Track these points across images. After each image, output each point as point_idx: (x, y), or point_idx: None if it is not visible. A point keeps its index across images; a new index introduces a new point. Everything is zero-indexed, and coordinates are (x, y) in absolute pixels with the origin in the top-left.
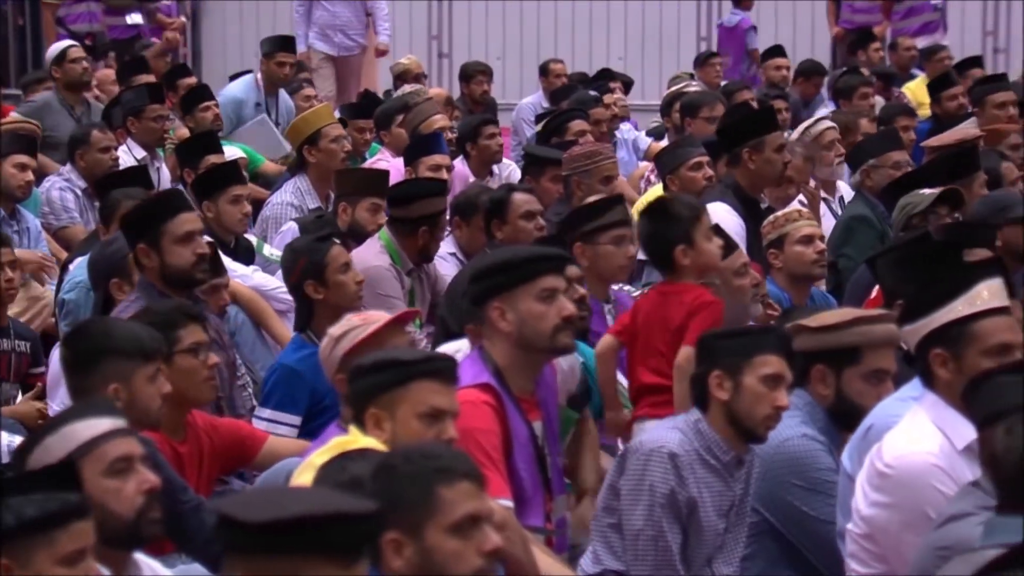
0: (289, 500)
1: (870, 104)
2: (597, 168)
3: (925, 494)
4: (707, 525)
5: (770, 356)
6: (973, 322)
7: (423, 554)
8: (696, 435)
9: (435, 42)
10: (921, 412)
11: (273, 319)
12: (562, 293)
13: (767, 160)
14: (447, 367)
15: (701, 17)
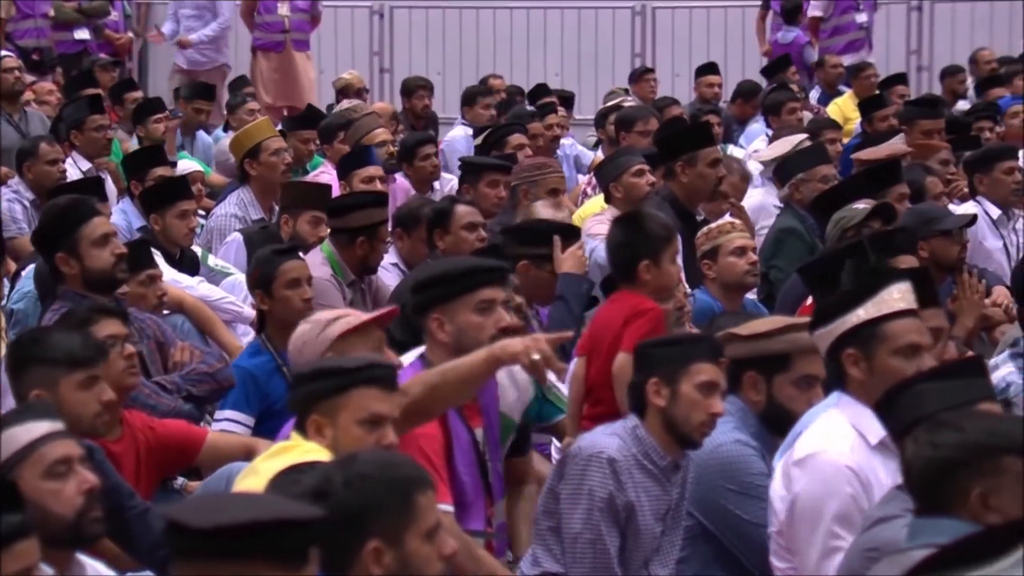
0: (236, 506)
1: (798, 119)
2: (544, 180)
3: (830, 489)
4: (644, 528)
5: (705, 364)
6: (883, 323)
7: (401, 561)
8: (634, 440)
9: (376, 58)
10: (835, 412)
11: (219, 327)
12: (500, 305)
13: (700, 174)
14: (387, 374)
15: (635, 33)
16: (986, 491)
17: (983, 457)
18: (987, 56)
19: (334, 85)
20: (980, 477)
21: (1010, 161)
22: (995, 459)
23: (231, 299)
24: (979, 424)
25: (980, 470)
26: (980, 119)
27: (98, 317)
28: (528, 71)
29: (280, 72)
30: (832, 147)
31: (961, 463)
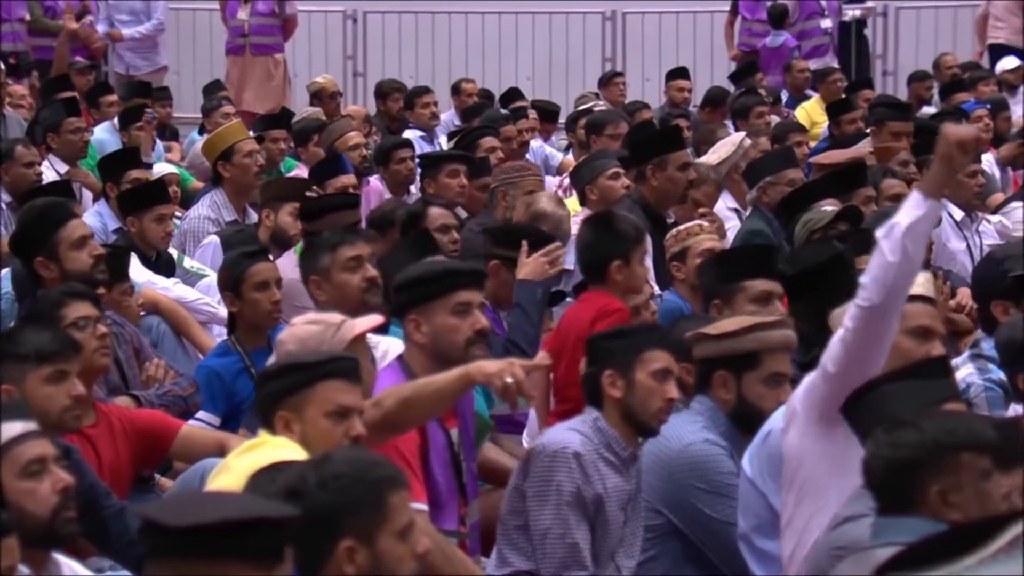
0: (210, 505)
1: (766, 123)
2: (524, 182)
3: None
4: (611, 520)
5: (657, 352)
6: None
7: (374, 559)
8: (596, 433)
9: (350, 62)
10: None
11: (194, 328)
12: (477, 308)
13: (669, 178)
14: (350, 366)
15: (606, 38)
16: (945, 488)
17: (941, 455)
18: (950, 61)
19: (308, 88)
20: (939, 475)
21: (973, 164)
22: (953, 456)
23: (206, 300)
24: (937, 423)
25: (939, 468)
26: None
27: (69, 300)
28: (500, 75)
29: (241, 76)
30: (799, 150)
31: (920, 462)
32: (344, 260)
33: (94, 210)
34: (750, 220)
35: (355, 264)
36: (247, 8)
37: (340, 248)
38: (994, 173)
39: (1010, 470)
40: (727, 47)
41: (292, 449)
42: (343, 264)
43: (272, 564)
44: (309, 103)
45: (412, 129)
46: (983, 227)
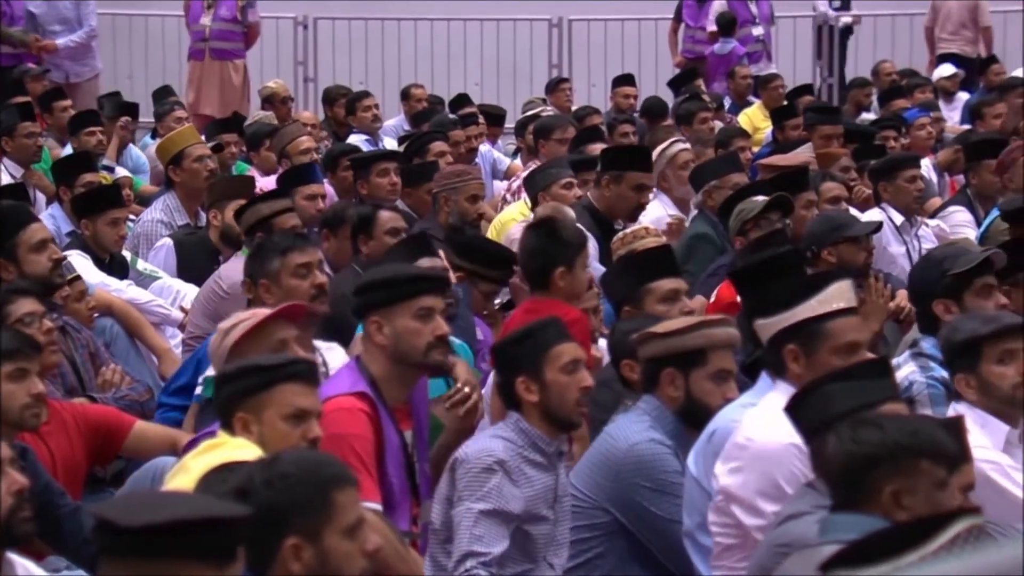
0: (164, 504)
1: (710, 128)
2: (465, 186)
3: (780, 467)
4: (540, 520)
5: (563, 345)
6: (826, 321)
7: (321, 557)
8: (519, 434)
9: (301, 67)
10: (776, 397)
11: (147, 330)
12: (439, 313)
13: (621, 194)
14: (308, 369)
15: (552, 45)
16: (900, 490)
17: (901, 457)
18: (889, 68)
19: (260, 93)
20: (896, 476)
21: (913, 169)
22: (913, 460)
23: (159, 302)
24: (901, 425)
25: (897, 469)
26: (884, 129)
27: (14, 297)
28: (448, 81)
29: (201, 80)
30: (742, 155)
31: (879, 459)
32: (294, 266)
33: (47, 213)
34: (695, 223)
35: (305, 271)
36: (210, 14)
37: (290, 253)
38: (932, 178)
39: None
40: (671, 54)
41: (251, 450)
42: (293, 270)
43: (225, 563)
44: (261, 107)
45: (356, 133)
46: (922, 231)
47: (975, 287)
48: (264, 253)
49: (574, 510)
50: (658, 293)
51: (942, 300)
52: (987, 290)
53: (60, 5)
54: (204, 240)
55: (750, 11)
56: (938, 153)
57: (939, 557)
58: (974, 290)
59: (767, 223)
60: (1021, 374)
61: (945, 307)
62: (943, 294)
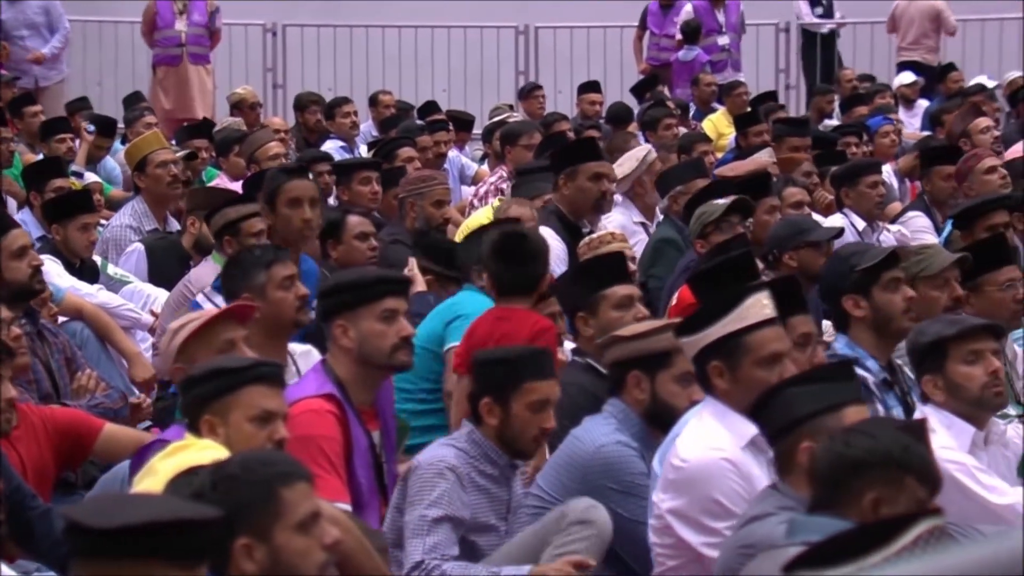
0: (135, 507)
1: (674, 135)
2: (431, 192)
3: (716, 484)
4: (489, 529)
5: (537, 383)
6: (746, 335)
7: (273, 554)
8: (472, 445)
9: (270, 74)
10: (706, 415)
11: (118, 333)
12: (403, 315)
13: (580, 188)
14: (273, 371)
15: (519, 52)
16: (881, 498)
17: (890, 467)
18: (849, 75)
19: (228, 99)
20: (880, 484)
21: (874, 176)
22: (900, 474)
23: (130, 306)
24: (895, 438)
25: (883, 478)
26: (846, 135)
27: None
28: (416, 87)
29: (177, 85)
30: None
31: (867, 465)
32: (280, 279)
33: (18, 218)
34: (661, 228)
35: (289, 283)
36: (183, 19)
37: (275, 266)
38: (893, 184)
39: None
40: (636, 61)
41: (217, 451)
42: (279, 282)
43: (194, 564)
44: (230, 113)
45: (332, 139)
46: (883, 236)
47: (882, 281)
48: (247, 266)
49: (541, 511)
50: (612, 299)
51: (851, 296)
52: (894, 283)
53: (28, 8)
54: (175, 245)
55: (717, 20)
56: (899, 159)
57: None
58: (881, 284)
59: (728, 226)
60: (988, 374)
61: (854, 302)
62: (852, 290)
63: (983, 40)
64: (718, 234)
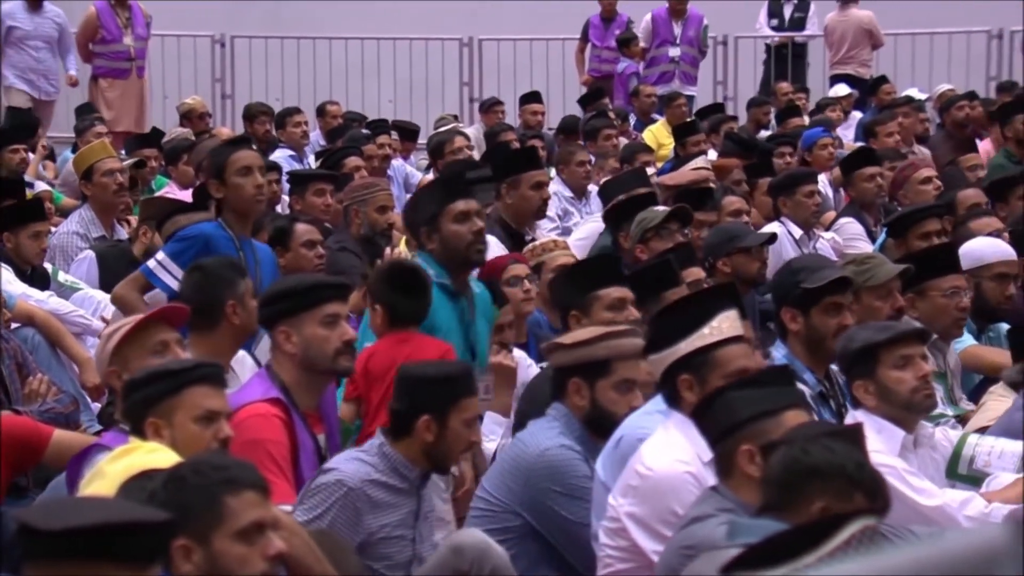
0: (86, 509)
1: (614, 145)
2: (373, 198)
3: (676, 496)
4: (395, 540)
5: (471, 399)
6: (715, 350)
7: (211, 559)
8: (380, 458)
9: (218, 84)
10: (672, 427)
11: (68, 339)
12: (344, 319)
13: (523, 196)
14: (215, 372)
15: (463, 63)
16: (828, 508)
17: (841, 480)
18: (784, 88)
19: (178, 109)
20: (830, 494)
21: (811, 185)
22: (851, 489)
23: (80, 312)
24: (852, 455)
25: (833, 489)
26: (780, 146)
27: None
28: (363, 98)
29: (125, 97)
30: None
31: (820, 474)
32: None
33: None
34: (604, 236)
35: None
36: (129, 33)
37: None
38: (828, 193)
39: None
40: (578, 72)
41: (164, 453)
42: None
43: (145, 566)
44: (179, 123)
45: (282, 148)
46: (819, 243)
47: (823, 304)
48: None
49: (486, 514)
50: (605, 301)
51: (790, 309)
52: (835, 308)
53: (46, 23)
54: (125, 252)
55: (672, 32)
56: (833, 169)
57: (835, 557)
58: (821, 306)
59: (667, 233)
60: (918, 378)
61: (792, 316)
62: (792, 303)
63: (913, 53)
64: (658, 240)
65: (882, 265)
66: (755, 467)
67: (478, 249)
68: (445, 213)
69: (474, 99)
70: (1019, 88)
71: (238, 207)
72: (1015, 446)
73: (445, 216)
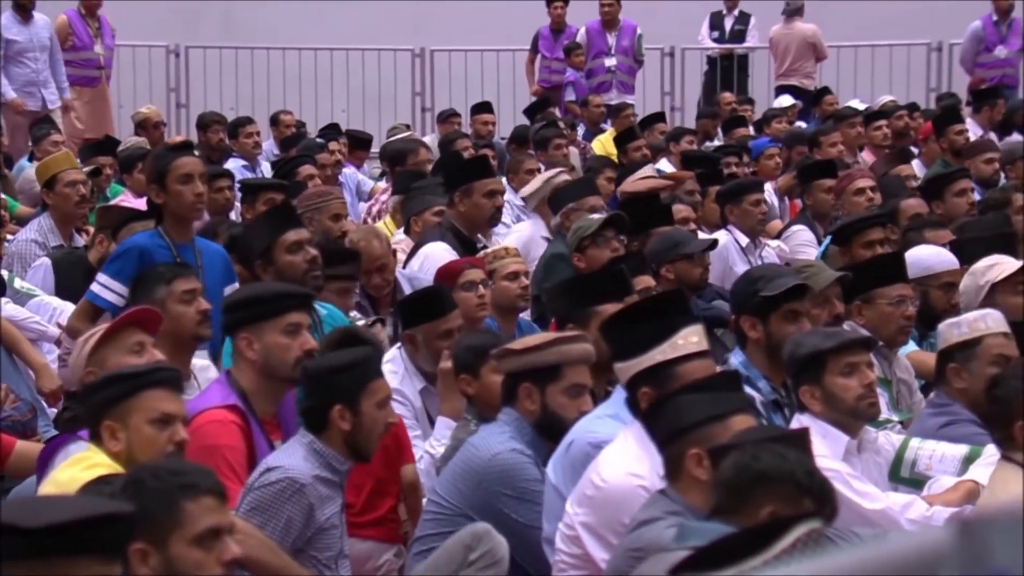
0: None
1: (564, 154)
2: (327, 206)
3: (629, 508)
4: (330, 534)
5: (380, 380)
6: (677, 365)
7: (167, 563)
8: (313, 455)
9: (173, 94)
10: (631, 438)
11: (24, 345)
12: (305, 329)
13: (475, 204)
14: (172, 376)
15: (415, 74)
16: (778, 513)
17: (791, 487)
18: (728, 99)
19: (133, 119)
20: (779, 500)
21: (757, 194)
22: (799, 495)
23: (36, 319)
24: (802, 462)
25: (782, 494)
26: (727, 155)
27: None
28: (316, 108)
29: (93, 105)
30: (609, 184)
31: (769, 480)
32: (180, 292)
33: None
34: (554, 244)
35: (190, 297)
36: (98, 42)
37: (176, 281)
38: (773, 202)
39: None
40: (528, 83)
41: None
42: (179, 296)
43: (114, 559)
44: (134, 132)
45: (235, 158)
46: (765, 252)
47: (781, 311)
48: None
49: (438, 517)
50: (603, 316)
51: (749, 316)
52: (793, 315)
53: (40, 32)
54: (81, 260)
55: (607, 42)
56: (778, 179)
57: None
58: (780, 313)
59: (604, 240)
60: (863, 386)
61: (751, 323)
62: (751, 311)
63: (856, 65)
64: (595, 248)
65: (820, 273)
66: (702, 471)
67: (314, 276)
68: (278, 245)
69: (426, 109)
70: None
71: (177, 213)
72: (955, 450)
73: (278, 248)
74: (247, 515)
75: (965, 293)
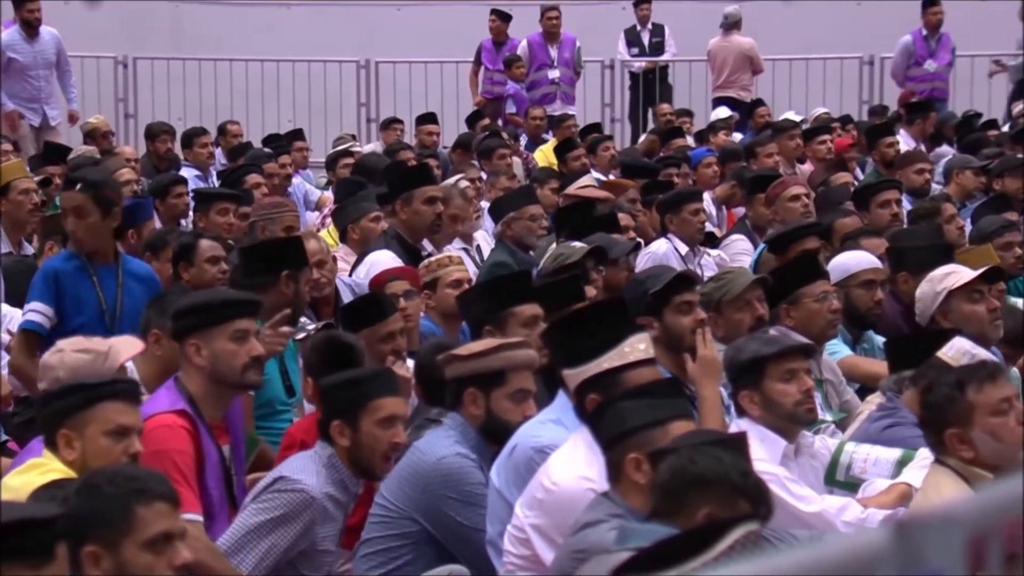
0: None
1: (508, 163)
2: (281, 217)
3: (577, 510)
4: (325, 553)
5: (384, 399)
6: (622, 372)
7: (119, 567)
8: (331, 470)
9: (121, 104)
10: (580, 443)
11: None
12: (253, 335)
13: (416, 211)
14: (129, 388)
15: (361, 85)
16: (713, 515)
17: (725, 487)
18: (665, 109)
19: (82, 129)
20: (714, 502)
21: (696, 203)
22: (735, 496)
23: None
24: (737, 464)
25: (718, 496)
26: (668, 165)
27: None
28: (263, 118)
29: None
30: (553, 195)
31: (707, 482)
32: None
33: None
34: (495, 252)
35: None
36: None
37: None
38: (712, 211)
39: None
40: (472, 94)
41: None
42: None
43: (43, 563)
44: (83, 142)
45: (188, 167)
46: (704, 260)
47: (673, 304)
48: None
49: (384, 520)
50: (521, 318)
51: (645, 317)
52: (686, 306)
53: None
54: (31, 267)
55: (549, 55)
56: (716, 188)
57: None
58: (672, 306)
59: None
60: (802, 392)
61: (648, 322)
62: (646, 312)
63: (790, 78)
64: None
65: (738, 278)
66: (641, 474)
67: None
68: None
69: (371, 119)
70: (889, 111)
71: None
72: (889, 453)
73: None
74: (248, 518)
75: (922, 299)
